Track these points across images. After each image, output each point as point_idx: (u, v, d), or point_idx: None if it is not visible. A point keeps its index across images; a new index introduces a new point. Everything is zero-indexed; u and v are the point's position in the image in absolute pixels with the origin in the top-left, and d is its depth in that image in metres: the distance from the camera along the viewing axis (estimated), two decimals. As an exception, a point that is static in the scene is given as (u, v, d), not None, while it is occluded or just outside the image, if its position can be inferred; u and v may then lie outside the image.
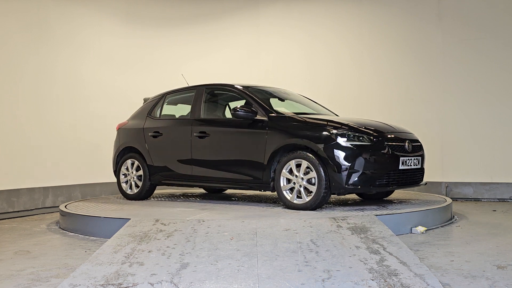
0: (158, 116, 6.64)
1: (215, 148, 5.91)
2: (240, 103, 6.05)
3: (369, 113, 7.47)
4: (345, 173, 5.02)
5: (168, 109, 6.77)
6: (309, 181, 5.17)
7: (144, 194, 6.54)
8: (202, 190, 7.86)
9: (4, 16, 6.96)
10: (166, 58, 8.94)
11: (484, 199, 7.72)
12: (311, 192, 5.15)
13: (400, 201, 5.92)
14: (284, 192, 5.33)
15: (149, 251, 3.70)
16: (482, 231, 5.13)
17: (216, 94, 6.55)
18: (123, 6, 8.69)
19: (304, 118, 5.48)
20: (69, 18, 7.86)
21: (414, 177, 5.60)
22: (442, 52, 8.01)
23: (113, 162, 6.90)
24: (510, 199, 7.55)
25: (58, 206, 6.46)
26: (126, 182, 6.69)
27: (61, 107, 7.65)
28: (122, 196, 6.88)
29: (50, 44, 7.54)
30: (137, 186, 6.57)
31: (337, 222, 4.47)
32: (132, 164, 6.64)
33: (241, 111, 5.55)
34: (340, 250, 3.64)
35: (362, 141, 5.15)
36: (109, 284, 3.06)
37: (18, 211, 6.94)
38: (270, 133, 5.44)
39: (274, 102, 6.15)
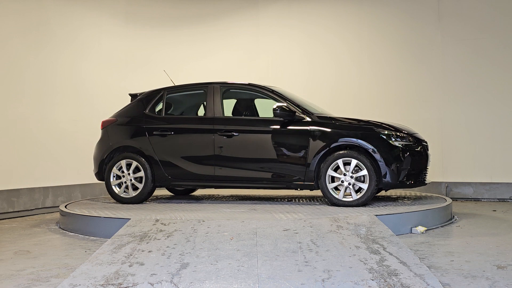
0: (161, 113, 6.27)
1: (246, 148, 5.79)
2: (261, 102, 6.20)
3: (369, 113, 7.47)
4: (397, 171, 5.40)
5: (169, 107, 6.50)
6: (357, 179, 5.43)
7: (144, 197, 6.12)
8: (167, 192, 7.40)
9: (4, 17, 6.96)
10: (166, 58, 8.94)
11: (484, 199, 7.72)
12: (360, 189, 5.42)
13: (400, 201, 5.92)
14: (331, 190, 5.49)
15: (149, 251, 3.70)
16: (482, 231, 5.14)
17: (235, 93, 6.42)
18: (123, 6, 8.69)
19: (347, 120, 5.70)
20: (69, 19, 7.86)
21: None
22: (442, 52, 8.02)
23: (98, 163, 6.33)
24: (510, 199, 7.55)
25: (58, 206, 6.45)
26: (119, 184, 6.16)
27: (62, 107, 7.65)
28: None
29: (50, 44, 7.54)
30: (134, 188, 6.11)
31: (337, 222, 4.47)
32: (128, 165, 6.12)
33: (281, 111, 5.61)
34: (340, 250, 3.65)
35: (407, 141, 5.58)
36: (109, 284, 3.06)
37: (18, 211, 6.94)
38: (315, 133, 5.57)
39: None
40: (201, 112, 6.71)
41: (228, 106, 6.41)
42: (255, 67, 9.05)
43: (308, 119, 5.66)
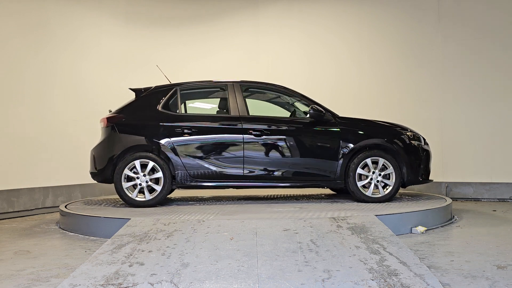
0: (178, 110, 6.00)
1: (277, 147, 5.83)
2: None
3: (369, 113, 7.46)
4: (418, 168, 5.91)
5: (184, 104, 6.30)
6: (384, 176, 5.81)
7: (161, 200, 5.76)
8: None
9: (4, 17, 6.96)
10: (166, 58, 8.94)
11: (484, 199, 7.72)
12: (387, 185, 5.82)
13: (400, 201, 5.93)
14: (360, 188, 5.79)
15: (149, 251, 3.70)
16: (482, 231, 5.14)
17: (256, 92, 6.43)
18: (123, 6, 8.69)
19: (367, 121, 6.06)
20: (69, 19, 7.86)
21: None
22: (442, 52, 8.02)
23: (104, 163, 5.85)
24: (510, 199, 7.55)
25: (58, 206, 6.45)
26: (132, 187, 5.76)
27: (62, 107, 7.65)
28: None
29: (50, 44, 7.55)
30: (150, 191, 5.74)
31: (337, 222, 4.47)
32: (144, 165, 5.71)
33: (314, 111, 5.82)
34: (340, 250, 3.65)
35: (419, 141, 6.06)
36: (109, 284, 3.06)
37: (18, 211, 6.94)
38: (344, 133, 5.83)
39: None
40: (206, 109, 6.65)
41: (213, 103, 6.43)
42: (255, 67, 9.05)
43: (334, 120, 5.91)
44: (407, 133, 6.00)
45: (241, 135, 5.80)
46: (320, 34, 8.85)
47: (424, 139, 6.16)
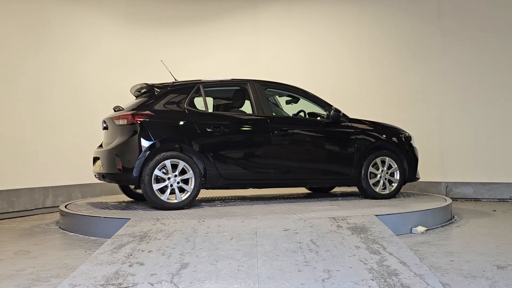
0: (204, 108, 5.79)
1: (303, 148, 6.01)
2: (293, 102, 6.62)
3: (369, 113, 7.48)
4: (414, 166, 6.35)
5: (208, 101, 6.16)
6: (391, 175, 6.22)
7: (192, 201, 5.51)
8: (126, 198, 6.67)
9: (4, 17, 6.96)
10: (166, 58, 8.90)
11: (484, 199, 7.72)
12: (392, 183, 6.24)
13: (400, 201, 5.93)
14: (372, 185, 6.12)
15: (149, 251, 3.70)
16: (482, 231, 5.14)
17: (274, 92, 6.52)
18: (123, 6, 8.69)
19: (376, 123, 6.40)
20: (69, 19, 7.86)
21: None
22: (442, 52, 8.02)
23: (132, 164, 5.31)
24: (510, 199, 7.55)
25: (58, 206, 6.45)
26: (162, 189, 5.37)
27: (61, 107, 7.65)
28: (128, 200, 6.30)
29: (50, 44, 7.54)
30: (180, 192, 5.44)
31: (337, 222, 4.47)
32: (174, 166, 5.40)
33: (335, 112, 6.08)
34: (340, 250, 3.65)
35: (413, 141, 6.49)
36: (109, 284, 3.06)
37: (18, 211, 6.94)
38: (358, 134, 6.15)
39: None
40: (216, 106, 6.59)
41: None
42: (255, 67, 9.05)
43: (349, 121, 6.19)
44: (406, 134, 6.43)
45: (270, 135, 5.83)
46: (320, 34, 8.85)
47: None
